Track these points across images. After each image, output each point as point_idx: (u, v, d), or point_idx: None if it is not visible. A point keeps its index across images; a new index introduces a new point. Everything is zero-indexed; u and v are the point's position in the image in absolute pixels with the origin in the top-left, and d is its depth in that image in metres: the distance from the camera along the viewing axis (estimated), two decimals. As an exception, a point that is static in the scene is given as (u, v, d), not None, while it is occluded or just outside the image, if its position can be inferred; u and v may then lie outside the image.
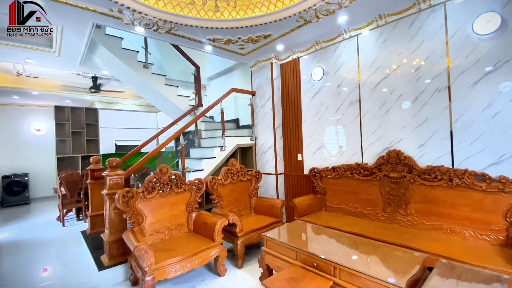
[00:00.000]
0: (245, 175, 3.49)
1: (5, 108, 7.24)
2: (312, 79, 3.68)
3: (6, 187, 6.82)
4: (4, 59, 4.01)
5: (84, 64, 4.39)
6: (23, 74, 5.67)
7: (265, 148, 4.18)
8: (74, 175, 5.19)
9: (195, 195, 2.97)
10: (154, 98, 4.86)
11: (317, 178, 3.48)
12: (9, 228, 4.81)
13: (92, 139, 7.68)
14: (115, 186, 2.80)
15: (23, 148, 7.47)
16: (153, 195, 2.68)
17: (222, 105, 3.99)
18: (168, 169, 2.79)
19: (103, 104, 7.84)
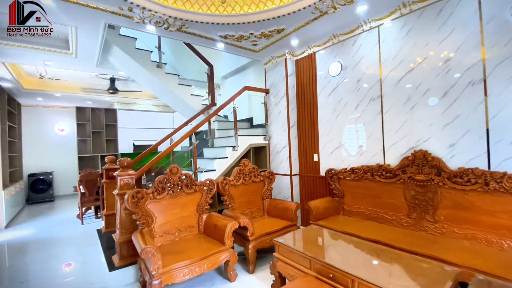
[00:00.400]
0: (258, 176, 3.36)
1: (31, 109, 7.61)
2: (329, 74, 3.48)
3: (32, 185, 7.15)
4: (25, 61, 4.15)
5: (100, 65, 4.46)
6: (46, 76, 5.89)
7: (279, 148, 4.02)
8: (92, 174, 5.31)
9: (206, 196, 2.88)
10: (168, 98, 4.86)
11: (334, 180, 3.28)
12: (33, 225, 5.01)
13: (112, 139, 7.90)
14: (126, 186, 2.77)
15: (48, 148, 7.81)
16: (163, 196, 2.62)
17: (234, 104, 3.89)
18: (178, 170, 2.73)
19: (121, 104, 8.02)
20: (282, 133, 3.96)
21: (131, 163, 2.81)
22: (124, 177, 2.77)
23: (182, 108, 4.84)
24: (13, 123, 6.11)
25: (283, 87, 3.92)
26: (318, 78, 3.63)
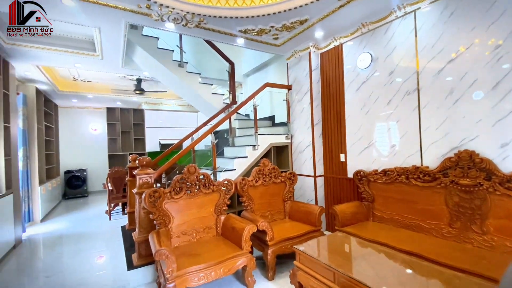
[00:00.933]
0: (278, 177, 3.19)
1: (67, 110, 8.13)
2: (357, 67, 3.20)
3: (68, 181, 7.64)
4: (57, 64, 4.37)
5: (125, 66, 4.57)
6: (78, 79, 6.22)
7: (302, 147, 3.81)
8: (120, 171, 5.50)
9: (224, 196, 2.78)
10: (189, 97, 4.86)
11: (363, 183, 3.01)
12: (66, 219, 5.31)
13: (139, 138, 8.18)
14: (145, 185, 2.76)
15: (82, 146, 8.29)
16: (180, 196, 2.56)
17: (254, 102, 3.75)
18: (196, 169, 2.65)
19: (148, 105, 8.28)
20: (305, 132, 3.75)
21: (150, 162, 2.79)
22: (143, 176, 2.75)
23: (204, 107, 4.82)
24: (50, 123, 6.54)
25: (307, 83, 3.70)
26: (345, 72, 3.37)
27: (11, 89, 3.79)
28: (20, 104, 4.68)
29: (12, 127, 3.77)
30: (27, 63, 4.13)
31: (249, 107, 4.01)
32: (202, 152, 6.45)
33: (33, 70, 4.59)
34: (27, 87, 5.08)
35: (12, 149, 3.74)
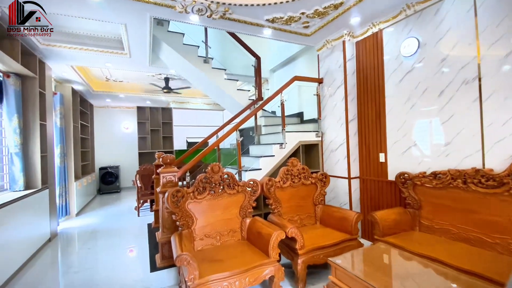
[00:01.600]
0: (309, 178, 2.92)
1: (102, 110, 8.52)
2: (401, 55, 2.82)
3: (102, 177, 8.00)
4: (88, 63, 4.50)
5: (152, 64, 4.57)
6: (111, 79, 6.43)
7: (334, 146, 3.49)
8: (148, 169, 5.58)
9: (249, 198, 2.58)
10: (215, 94, 4.75)
11: (408, 187, 2.63)
12: (98, 213, 5.51)
13: (168, 136, 8.34)
14: (169, 184, 2.66)
15: (115, 144, 8.65)
16: (204, 196, 2.41)
17: (282, 97, 3.50)
18: (219, 168, 2.49)
19: (176, 104, 8.40)
20: (338, 129, 3.43)
21: (173, 160, 2.69)
22: (167, 174, 2.66)
23: (229, 104, 4.68)
24: (86, 122, 6.87)
25: (340, 75, 3.37)
26: (386, 61, 2.99)
27: (47, 89, 3.95)
28: (58, 103, 4.92)
29: (48, 125, 3.93)
30: (61, 63, 4.29)
31: (276, 103, 3.77)
32: (227, 150, 6.36)
33: (68, 70, 4.79)
34: (64, 87, 5.34)
35: (48, 146, 3.90)
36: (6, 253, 2.68)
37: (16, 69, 3.23)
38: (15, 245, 2.89)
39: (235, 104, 4.44)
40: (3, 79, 3.18)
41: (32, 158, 3.51)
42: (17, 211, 2.96)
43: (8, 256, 2.73)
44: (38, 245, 3.46)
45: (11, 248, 2.81)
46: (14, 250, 2.87)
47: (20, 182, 3.32)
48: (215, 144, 3.16)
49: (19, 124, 3.31)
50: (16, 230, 2.91)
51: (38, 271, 2.92)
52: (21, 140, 3.35)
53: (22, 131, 3.40)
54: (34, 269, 2.95)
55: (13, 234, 2.85)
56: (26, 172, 3.45)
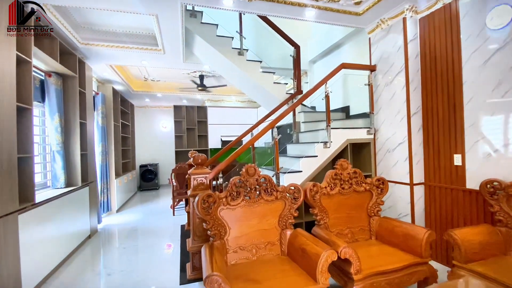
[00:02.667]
0: (362, 184, 2.43)
1: (142, 109, 8.83)
2: (486, 29, 2.18)
3: (142, 174, 8.28)
4: (125, 62, 4.51)
5: (186, 60, 4.43)
6: (149, 78, 6.53)
7: (391, 145, 2.94)
8: (183, 167, 5.51)
9: (290, 206, 2.20)
10: (250, 88, 4.45)
11: (499, 198, 2.01)
12: (137, 210, 5.61)
13: (203, 135, 8.32)
14: (200, 186, 2.41)
15: (155, 142, 8.91)
16: (238, 202, 2.10)
17: (327, 88, 3.04)
18: (255, 170, 2.15)
19: (211, 102, 8.34)
20: (397, 124, 2.86)
21: (205, 160, 2.43)
22: (198, 176, 2.41)
23: (264, 99, 4.34)
24: (127, 121, 7.11)
25: (400, 59, 2.80)
26: (463, 39, 2.36)
27: (87, 88, 4.01)
28: (99, 103, 5.06)
29: (88, 124, 3.99)
30: (100, 63, 4.36)
31: (318, 97, 3.31)
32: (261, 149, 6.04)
33: (108, 70, 4.89)
34: (106, 87, 5.50)
35: (88, 145, 3.96)
36: (47, 249, 2.69)
37: (56, 68, 3.28)
38: (56, 241, 2.91)
39: (272, 99, 4.08)
40: (45, 78, 3.24)
41: (73, 156, 3.57)
42: (58, 208, 2.99)
43: (49, 252, 2.74)
44: (78, 241, 3.50)
45: (52, 244, 2.82)
46: (55, 246, 2.88)
47: (62, 180, 3.38)
48: (250, 142, 2.84)
49: (60, 123, 3.37)
50: (57, 226, 2.93)
51: (74, 270, 2.90)
52: (62, 139, 3.40)
53: (63, 130, 3.46)
54: (71, 268, 2.94)
55: (54, 230, 2.87)
56: (67, 170, 3.52)
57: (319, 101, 4.28)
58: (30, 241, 2.38)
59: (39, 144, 3.41)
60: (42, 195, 2.91)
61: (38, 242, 2.54)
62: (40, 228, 2.58)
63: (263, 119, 3.97)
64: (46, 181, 3.45)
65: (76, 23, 3.42)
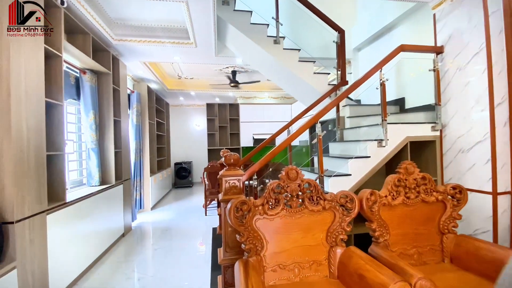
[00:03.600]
0: (432, 193, 1.93)
1: (176, 108, 8.94)
2: None
3: (177, 172, 8.37)
4: (159, 58, 4.42)
5: (219, 53, 4.21)
6: (182, 76, 6.49)
7: (465, 144, 2.36)
8: (215, 166, 5.33)
9: (341, 219, 1.80)
10: (285, 81, 4.07)
11: None
12: (171, 208, 5.61)
13: (235, 133, 8.15)
14: (232, 190, 2.12)
15: (188, 140, 8.98)
16: (277, 212, 1.76)
17: (382, 75, 2.55)
18: (298, 173, 1.79)
19: (243, 99, 8.12)
20: (474, 118, 2.28)
21: (237, 160, 2.13)
22: (230, 178, 2.12)
23: (302, 92, 3.93)
24: (162, 119, 7.18)
25: (478, 37, 2.22)
26: None
27: (122, 86, 3.99)
28: (134, 101, 5.09)
29: (123, 121, 3.97)
30: (134, 60, 4.33)
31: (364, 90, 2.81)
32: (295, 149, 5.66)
33: (142, 68, 4.87)
34: (141, 86, 5.54)
35: (122, 142, 3.94)
36: (79, 249, 2.64)
37: (90, 65, 3.25)
38: (88, 241, 2.87)
39: (311, 91, 3.66)
40: (79, 75, 3.23)
41: (107, 154, 3.54)
42: (91, 206, 2.94)
43: (80, 252, 2.69)
44: (112, 240, 3.47)
45: (84, 244, 2.77)
46: (87, 245, 2.84)
47: (96, 177, 3.36)
48: (289, 140, 2.47)
49: (94, 120, 3.34)
50: (89, 225, 2.88)
51: (105, 272, 2.82)
52: (96, 136, 3.38)
53: (98, 127, 3.44)
54: (102, 269, 2.87)
55: (86, 229, 2.82)
56: (102, 168, 3.50)
57: (365, 94, 3.76)
58: (60, 242, 2.32)
59: (74, 141, 3.42)
60: (75, 193, 2.88)
61: (69, 242, 2.47)
62: (71, 227, 2.52)
63: (301, 115, 3.57)
64: (81, 178, 3.47)
65: (109, 19, 3.36)
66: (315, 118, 2.38)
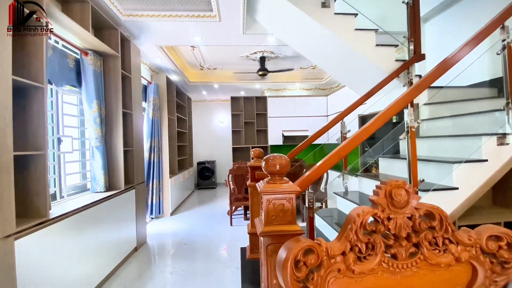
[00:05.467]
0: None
1: (199, 104, 8.37)
2: None
3: (200, 172, 7.81)
4: (176, 40, 3.77)
5: (247, 30, 3.46)
6: (205, 66, 5.84)
7: None
8: (242, 168, 4.60)
9: (489, 278, 0.94)
10: (334, 60, 3.20)
11: None
12: (192, 214, 5.01)
13: (262, 130, 7.38)
14: (280, 216, 1.32)
15: (212, 138, 8.39)
16: (371, 267, 0.95)
17: (509, 32, 1.62)
18: (409, 194, 0.96)
19: (271, 91, 7.32)
20: None
21: (286, 166, 1.33)
22: (276, 196, 1.33)
23: (359, 72, 3.05)
24: (183, 115, 6.61)
25: None
26: None
27: (134, 73, 3.38)
28: (151, 93, 4.51)
29: (135, 115, 3.36)
30: (149, 42, 3.73)
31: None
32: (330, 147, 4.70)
33: (159, 55, 4.27)
34: (159, 77, 4.96)
35: (134, 140, 3.33)
36: (76, 272, 2.03)
37: (93, 45, 2.64)
38: (92, 260, 2.28)
39: (370, 71, 2.77)
40: (80, 57, 2.63)
41: (115, 153, 2.94)
42: (94, 217, 2.35)
43: (78, 276, 2.08)
44: (121, 256, 2.87)
45: (85, 264, 2.17)
46: (90, 265, 2.25)
47: (101, 182, 2.77)
48: (368, 131, 1.61)
49: (99, 112, 2.74)
50: (91, 241, 2.28)
51: (106, 305, 2.20)
52: (102, 132, 2.78)
53: (104, 121, 2.84)
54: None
55: (87, 246, 2.22)
56: (109, 170, 2.90)
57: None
58: (39, 270, 1.69)
59: (74, 138, 2.85)
60: (71, 203, 2.28)
61: (55, 267, 1.85)
62: (59, 249, 1.91)
63: (359, 102, 2.68)
64: (85, 182, 2.90)
65: (115, -12, 2.74)
66: (408, 97, 1.52)
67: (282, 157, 1.30)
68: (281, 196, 1.25)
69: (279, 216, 1.25)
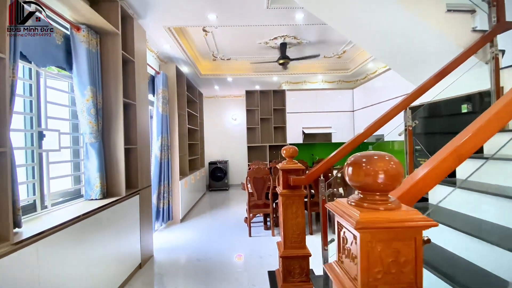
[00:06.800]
0: None
1: (210, 100, 7.84)
2: None
3: (212, 172, 7.29)
4: (187, 20, 3.20)
5: (272, 4, 2.86)
6: (218, 56, 5.29)
7: None
8: (262, 170, 4.02)
9: None
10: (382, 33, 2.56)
11: None
12: (207, 220, 4.48)
13: (279, 127, 6.77)
14: (390, 274, 0.75)
15: (224, 137, 7.86)
16: None
17: None
18: None
19: (290, 84, 6.70)
20: None
21: (396, 174, 0.75)
22: (385, 235, 0.75)
23: (416, 52, 2.40)
24: (195, 111, 6.09)
25: None
26: None
27: (138, 57, 2.85)
28: (160, 84, 4.00)
29: (139, 107, 2.84)
30: (156, 23, 3.18)
31: None
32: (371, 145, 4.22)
33: (169, 39, 3.74)
34: (169, 67, 4.45)
35: (139, 136, 2.81)
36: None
37: (86, 17, 2.12)
38: (84, 285, 1.75)
39: (437, 46, 2.12)
40: (71, 32, 2.11)
41: (114, 152, 2.42)
42: (85, 232, 1.82)
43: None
44: (122, 277, 2.35)
45: None
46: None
47: (96, 187, 2.25)
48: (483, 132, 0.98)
49: (94, 102, 2.22)
50: (84, 261, 1.76)
51: None
52: (97, 126, 2.26)
53: (100, 112, 2.32)
54: None
55: (79, 268, 1.70)
56: (106, 172, 2.38)
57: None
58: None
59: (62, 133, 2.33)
60: (56, 214, 1.76)
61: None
62: (32, 279, 1.38)
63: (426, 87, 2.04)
64: (80, 187, 2.38)
65: None
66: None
67: (386, 158, 0.70)
68: (397, 236, 0.65)
69: (391, 275, 0.65)
